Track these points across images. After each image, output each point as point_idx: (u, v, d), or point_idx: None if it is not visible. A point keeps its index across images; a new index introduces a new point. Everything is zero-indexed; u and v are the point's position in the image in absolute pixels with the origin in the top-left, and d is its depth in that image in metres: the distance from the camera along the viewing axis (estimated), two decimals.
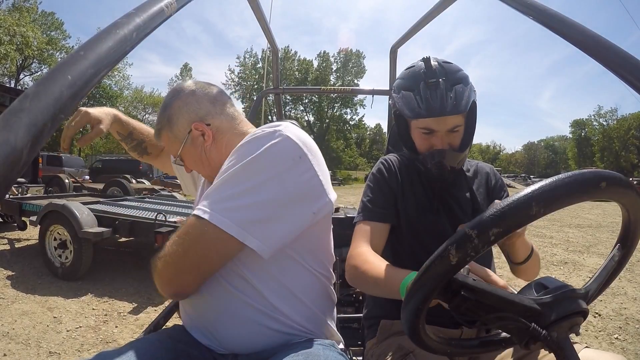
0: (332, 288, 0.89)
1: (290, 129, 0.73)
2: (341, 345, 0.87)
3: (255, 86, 38.91)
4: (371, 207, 0.97)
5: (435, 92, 0.89)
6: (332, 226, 0.89)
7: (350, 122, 45.55)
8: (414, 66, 0.98)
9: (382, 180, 1.01)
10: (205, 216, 0.65)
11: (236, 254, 0.69)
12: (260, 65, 38.40)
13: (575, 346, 0.67)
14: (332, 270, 0.89)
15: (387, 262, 0.82)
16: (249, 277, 0.73)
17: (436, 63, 0.93)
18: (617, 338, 2.65)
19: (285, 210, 0.69)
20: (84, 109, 0.94)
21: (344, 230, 1.88)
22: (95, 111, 0.96)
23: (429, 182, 1.01)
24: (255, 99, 2.51)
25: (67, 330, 2.56)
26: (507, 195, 1.04)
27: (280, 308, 0.74)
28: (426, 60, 0.93)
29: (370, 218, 0.95)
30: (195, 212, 0.67)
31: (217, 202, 0.66)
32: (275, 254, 0.71)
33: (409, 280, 0.71)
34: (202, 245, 0.66)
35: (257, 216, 0.66)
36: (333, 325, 0.87)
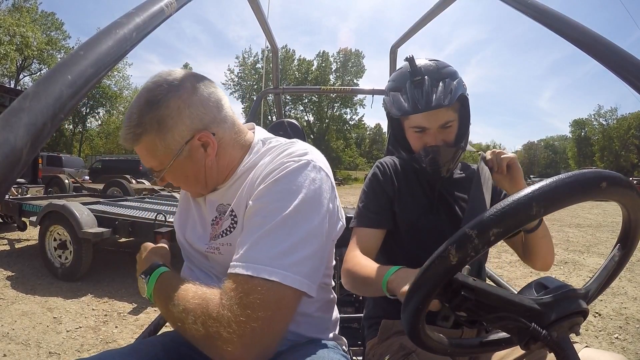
0: (332, 289, 0.90)
1: (317, 156, 0.70)
2: (344, 347, 0.87)
3: (255, 86, 38.92)
4: (365, 213, 0.98)
5: (421, 89, 0.90)
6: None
7: (350, 122, 45.57)
8: (402, 68, 0.99)
9: (377, 185, 1.01)
10: (277, 278, 0.57)
11: None
12: (260, 65, 38.42)
13: (576, 346, 0.67)
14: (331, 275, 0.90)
15: (374, 262, 0.85)
16: None
17: (422, 62, 0.95)
18: (617, 338, 2.65)
19: (327, 247, 0.67)
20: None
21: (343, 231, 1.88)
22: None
23: (429, 181, 1.01)
24: (255, 99, 2.51)
25: (67, 331, 2.56)
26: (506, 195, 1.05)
27: None
28: (410, 60, 0.93)
29: (363, 224, 0.97)
30: (261, 273, 0.56)
31: (280, 257, 0.58)
32: None
33: (389, 275, 0.74)
34: (283, 310, 0.58)
35: (317, 264, 0.63)
36: (336, 328, 0.87)
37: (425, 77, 0.91)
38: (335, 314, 0.89)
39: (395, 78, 0.98)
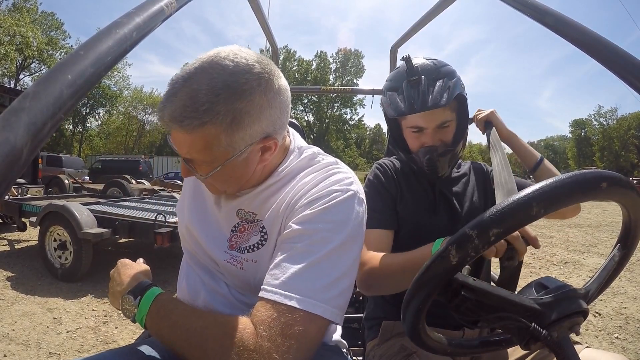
0: None
1: (360, 186, 0.69)
2: (345, 350, 0.87)
3: None
4: (371, 215, 0.91)
5: (417, 89, 0.90)
6: None
7: (350, 122, 45.63)
8: (399, 67, 0.99)
9: (379, 185, 1.00)
10: (319, 312, 0.56)
11: None
12: None
13: (576, 346, 0.67)
14: None
15: (401, 253, 0.82)
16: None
17: (419, 61, 0.94)
18: (617, 337, 2.65)
19: None
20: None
21: None
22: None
23: (428, 181, 1.01)
24: None
25: (67, 331, 2.56)
26: None
27: None
28: (407, 60, 0.93)
29: (372, 226, 0.91)
30: (305, 306, 0.55)
31: (323, 290, 0.57)
32: None
33: (439, 243, 0.72)
34: (319, 339, 0.58)
35: (349, 295, 0.62)
36: (338, 331, 0.86)
37: (422, 76, 0.90)
38: None
39: (392, 78, 0.98)
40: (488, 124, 1.06)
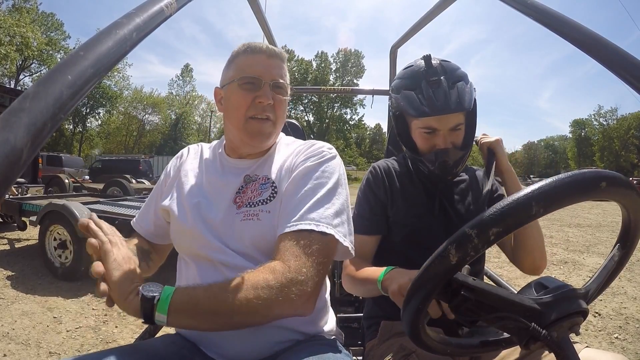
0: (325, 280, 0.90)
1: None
2: (340, 341, 0.88)
3: None
4: (356, 220, 0.97)
5: (438, 90, 0.88)
6: None
7: (350, 122, 45.61)
8: (412, 65, 0.97)
9: (369, 191, 1.01)
10: (330, 232, 0.70)
11: None
12: None
13: (576, 346, 0.67)
14: None
15: (370, 266, 0.89)
16: None
17: (436, 61, 0.93)
18: (617, 337, 2.65)
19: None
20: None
21: None
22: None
23: (429, 183, 1.01)
24: None
25: (67, 331, 2.56)
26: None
27: None
28: (427, 59, 0.92)
29: (357, 231, 0.94)
30: (320, 228, 0.69)
31: (331, 218, 0.72)
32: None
33: (383, 275, 0.78)
34: (332, 258, 0.73)
35: (352, 226, 0.77)
36: (333, 322, 0.87)
37: (442, 77, 0.89)
38: (330, 307, 0.90)
39: (408, 76, 0.95)
40: (491, 152, 1.01)
